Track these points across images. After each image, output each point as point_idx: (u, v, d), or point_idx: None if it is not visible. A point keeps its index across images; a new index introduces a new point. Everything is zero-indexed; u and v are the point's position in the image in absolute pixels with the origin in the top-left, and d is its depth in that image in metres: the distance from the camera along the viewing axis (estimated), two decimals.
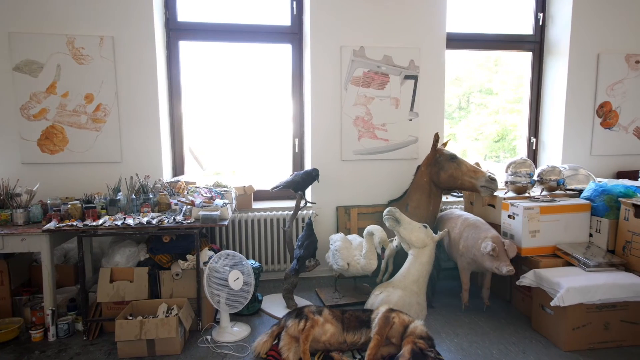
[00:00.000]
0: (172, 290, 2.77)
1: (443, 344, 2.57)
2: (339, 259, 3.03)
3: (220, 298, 2.65)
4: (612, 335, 2.53)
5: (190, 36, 3.59)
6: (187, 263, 2.76)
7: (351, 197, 3.74)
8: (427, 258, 2.89)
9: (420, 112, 3.74)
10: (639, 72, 4.00)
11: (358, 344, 2.38)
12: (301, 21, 3.70)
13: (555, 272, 2.63)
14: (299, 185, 3.31)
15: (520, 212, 2.87)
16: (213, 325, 2.81)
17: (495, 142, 4.56)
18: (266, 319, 2.97)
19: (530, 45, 4.11)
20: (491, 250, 2.66)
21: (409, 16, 3.64)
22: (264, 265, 3.63)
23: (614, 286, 2.46)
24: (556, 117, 4.02)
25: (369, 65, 3.60)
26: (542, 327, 2.69)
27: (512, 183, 3.22)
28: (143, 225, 2.63)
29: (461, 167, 3.18)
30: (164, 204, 2.98)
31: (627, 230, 2.72)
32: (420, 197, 3.34)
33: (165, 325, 2.42)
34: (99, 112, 3.28)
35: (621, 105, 4.02)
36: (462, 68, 4.34)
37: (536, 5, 4.07)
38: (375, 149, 3.70)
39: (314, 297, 3.30)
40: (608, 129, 4.04)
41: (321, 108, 3.60)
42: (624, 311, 2.51)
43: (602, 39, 3.91)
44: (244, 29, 3.64)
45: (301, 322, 2.33)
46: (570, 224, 2.92)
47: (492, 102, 4.49)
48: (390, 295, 2.78)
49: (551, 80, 4.08)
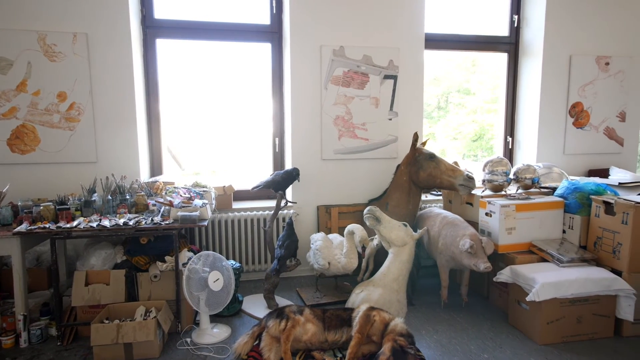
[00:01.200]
0: (151, 292, 2.72)
1: (423, 341, 2.61)
2: (319, 258, 3.03)
3: (200, 299, 2.62)
4: (585, 329, 2.61)
5: (167, 34, 3.53)
6: (166, 264, 2.72)
7: (332, 196, 3.75)
8: (407, 256, 2.91)
9: (400, 112, 3.77)
10: (608, 74, 4.14)
11: (339, 342, 2.39)
12: (281, 20, 3.68)
13: (531, 268, 2.70)
14: (280, 185, 3.29)
15: (497, 210, 2.93)
16: (193, 327, 2.77)
17: (473, 141, 4.65)
18: (247, 319, 2.95)
19: (505, 47, 4.20)
20: (469, 248, 2.71)
21: (388, 16, 3.67)
22: (244, 265, 3.60)
23: (586, 281, 2.54)
24: (531, 117, 4.13)
25: (349, 64, 3.61)
26: (518, 321, 2.76)
27: (489, 181, 3.29)
28: (120, 226, 2.57)
29: (440, 166, 3.23)
30: (141, 205, 2.92)
31: (598, 226, 2.82)
32: (400, 195, 3.37)
33: (143, 328, 2.37)
34: (72, 110, 3.19)
35: (592, 105, 4.15)
36: (440, 68, 4.41)
37: (511, 7, 4.16)
38: (355, 148, 3.71)
39: (295, 297, 3.30)
40: (580, 128, 4.17)
41: (301, 107, 3.60)
42: (595, 305, 2.60)
43: (574, 41, 4.03)
44: (222, 27, 3.60)
45: (282, 322, 2.32)
46: (544, 221, 3.00)
47: (470, 102, 4.58)
48: (370, 294, 2.80)
49: (526, 80, 4.18)
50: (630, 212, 2.59)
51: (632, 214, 2.58)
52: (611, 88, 4.16)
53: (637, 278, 2.59)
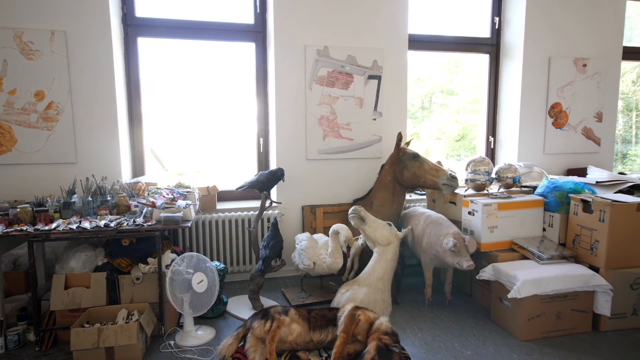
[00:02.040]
0: (133, 295, 2.67)
1: (408, 339, 2.63)
2: (305, 258, 3.03)
3: (183, 301, 2.59)
4: (564, 324, 2.67)
5: (149, 32, 3.48)
6: (149, 266, 2.68)
7: (317, 196, 3.75)
8: (392, 255, 2.94)
9: (384, 112, 3.80)
10: (586, 75, 4.24)
11: (324, 342, 2.39)
12: (265, 20, 3.66)
13: (512, 266, 2.75)
14: (264, 185, 3.28)
15: (480, 209, 2.97)
16: (176, 330, 2.73)
17: (457, 141, 4.70)
18: (232, 321, 2.92)
19: (487, 48, 4.27)
20: (452, 246, 2.74)
21: (372, 17, 3.68)
22: (229, 266, 3.57)
23: (565, 277, 2.60)
24: (512, 117, 4.20)
25: (333, 64, 3.62)
26: (500, 318, 2.81)
27: (472, 181, 3.34)
28: (100, 228, 2.52)
29: (423, 166, 3.26)
30: (123, 206, 2.87)
31: (577, 224, 2.88)
32: (384, 195, 3.40)
33: (125, 331, 2.33)
34: (50, 110, 3.11)
35: (570, 106, 4.25)
36: (424, 69, 4.45)
37: (492, 9, 4.23)
38: (340, 148, 3.72)
39: (280, 298, 3.29)
40: (559, 128, 4.26)
41: (286, 107, 3.59)
42: (574, 301, 2.66)
43: (553, 43, 4.12)
44: (206, 26, 3.56)
45: (267, 322, 2.30)
46: (525, 219, 3.06)
47: (453, 103, 4.63)
48: (356, 293, 2.81)
49: (507, 81, 4.25)
50: (607, 210, 2.66)
51: (609, 211, 2.65)
52: (588, 89, 4.27)
53: (613, 274, 2.66)
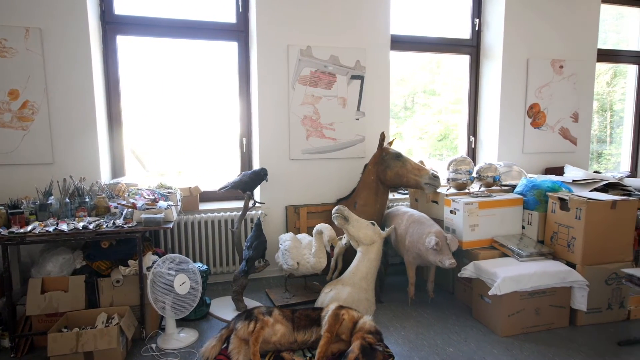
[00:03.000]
0: (113, 298, 2.62)
1: (391, 337, 2.65)
2: (288, 258, 3.02)
3: (165, 304, 2.55)
4: (543, 319, 2.73)
5: (128, 30, 3.41)
6: (129, 269, 2.63)
7: (300, 196, 3.74)
8: (375, 254, 2.95)
9: (367, 112, 3.82)
10: (562, 76, 4.35)
11: (309, 342, 2.39)
12: (247, 19, 3.64)
13: (493, 263, 2.80)
14: (247, 186, 3.25)
15: (461, 208, 3.02)
16: (158, 333, 2.69)
17: (439, 140, 4.76)
18: (215, 322, 2.90)
19: (468, 49, 4.33)
20: (435, 245, 2.78)
21: (355, 17, 3.70)
22: (212, 267, 3.54)
23: (543, 274, 2.66)
24: (492, 117, 4.28)
25: (316, 64, 3.62)
26: (481, 315, 2.85)
27: (454, 180, 3.38)
28: (79, 230, 2.46)
29: (406, 165, 3.29)
30: (102, 208, 2.81)
31: (554, 221, 2.95)
32: (367, 195, 3.41)
33: (105, 335, 2.28)
34: (25, 109, 3.02)
35: (548, 106, 4.35)
36: (407, 69, 4.49)
37: (472, 11, 4.30)
38: (323, 148, 3.73)
39: (264, 298, 3.27)
40: (537, 128, 4.36)
41: (269, 107, 3.57)
42: (552, 296, 2.72)
43: (531, 45, 4.21)
44: (186, 25, 3.52)
45: (251, 323, 2.29)
46: (505, 218, 3.12)
47: (435, 103, 4.69)
48: (339, 293, 2.82)
49: (487, 82, 4.33)
50: (582, 207, 2.73)
51: (585, 209, 2.72)
52: (565, 90, 4.38)
53: (589, 270, 2.74)
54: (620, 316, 2.86)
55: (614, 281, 2.79)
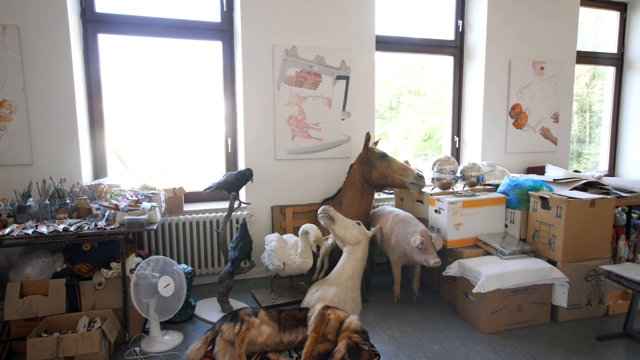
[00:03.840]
0: (95, 301, 2.57)
1: (377, 336, 2.66)
2: (274, 259, 3.01)
3: (149, 306, 2.52)
4: (525, 316, 2.78)
5: (110, 29, 3.35)
6: (112, 271, 2.58)
7: (286, 196, 3.73)
8: (361, 254, 2.97)
9: (353, 112, 3.83)
10: (543, 78, 4.44)
11: (295, 343, 2.39)
12: (232, 18, 3.61)
13: (477, 262, 2.84)
14: (233, 186, 3.23)
15: (446, 207, 3.05)
16: (142, 336, 2.65)
17: (424, 141, 4.80)
18: (200, 324, 2.87)
19: (451, 50, 4.38)
20: (420, 244, 2.80)
21: (340, 18, 3.71)
22: (197, 269, 3.50)
23: (526, 271, 2.71)
24: (475, 118, 4.34)
25: (302, 64, 3.61)
26: (465, 313, 2.89)
27: (438, 179, 3.42)
28: (59, 233, 2.41)
29: (391, 165, 3.31)
30: (83, 209, 2.75)
31: (536, 220, 3.01)
32: (353, 195, 3.42)
33: (87, 339, 2.24)
34: (3, 109, 2.95)
35: (529, 107, 4.44)
36: (392, 70, 4.52)
37: (456, 13, 4.35)
38: (309, 148, 3.72)
39: (250, 299, 3.25)
40: (519, 128, 4.44)
41: (254, 107, 3.55)
42: (534, 293, 2.78)
43: (513, 47, 4.29)
44: (170, 24, 3.47)
45: (236, 325, 2.28)
46: (488, 217, 3.16)
47: (420, 103, 4.73)
48: (325, 293, 2.82)
49: (470, 83, 4.39)
50: (563, 206, 2.79)
51: (565, 208, 2.78)
52: (546, 91, 4.47)
53: (570, 267, 2.80)
54: (600, 312, 2.93)
55: (593, 278, 2.86)
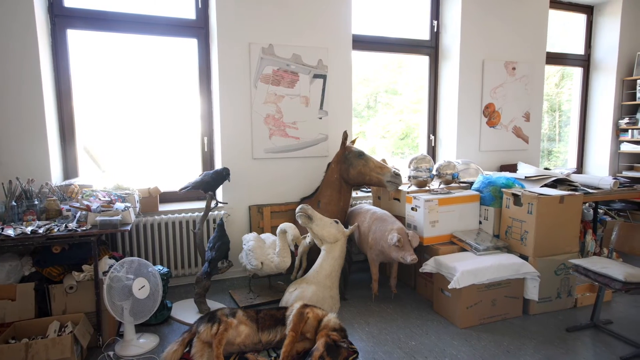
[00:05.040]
0: (66, 305, 2.50)
1: (355, 334, 2.69)
2: (252, 258, 2.99)
3: (123, 309, 2.46)
4: (498, 310, 2.86)
5: (80, 24, 3.25)
6: (84, 274, 2.52)
7: (264, 195, 3.71)
8: (339, 252, 2.98)
9: (330, 111, 3.84)
10: (515, 78, 4.56)
11: (273, 342, 2.38)
12: (207, 15, 3.56)
13: (452, 258, 2.90)
14: (209, 185, 3.19)
15: (422, 205, 3.10)
16: (116, 339, 2.59)
17: (401, 139, 4.86)
18: (177, 326, 2.82)
19: (427, 50, 4.45)
20: (397, 242, 2.83)
21: (317, 16, 3.71)
22: (173, 270, 3.44)
23: (499, 267, 2.78)
24: (450, 117, 4.42)
25: (279, 63, 3.60)
26: (441, 308, 2.95)
27: (414, 178, 3.46)
28: (27, 235, 2.32)
29: (369, 164, 3.34)
30: (53, 211, 2.66)
31: (509, 216, 3.09)
32: (331, 193, 3.44)
33: (58, 345, 2.17)
34: None
35: (502, 106, 4.55)
36: (369, 69, 4.55)
37: (431, 13, 4.42)
38: (286, 147, 3.71)
39: (227, 300, 3.22)
40: (493, 127, 4.55)
41: (231, 106, 3.51)
42: (507, 288, 2.85)
43: (486, 47, 4.39)
44: (143, 20, 3.39)
45: (214, 326, 2.25)
46: (463, 214, 3.23)
47: (397, 102, 4.78)
48: (304, 291, 2.82)
49: (445, 82, 4.46)
50: (534, 202, 2.88)
51: (536, 204, 2.87)
52: (518, 91, 4.59)
53: (540, 262, 2.89)
54: (568, 304, 3.04)
55: (562, 271, 2.96)
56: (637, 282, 2.32)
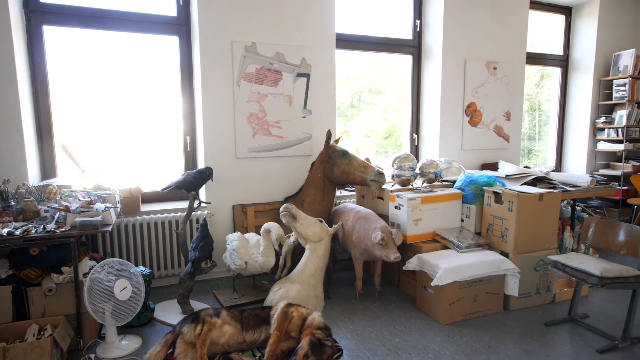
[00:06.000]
0: (45, 308, 2.45)
1: (340, 332, 2.70)
2: (236, 258, 2.98)
3: (105, 311, 2.42)
4: (480, 306, 2.91)
5: (57, 20, 3.17)
6: (63, 276, 2.47)
7: (247, 195, 3.69)
8: (323, 251, 2.99)
9: (314, 110, 3.84)
10: (496, 77, 4.64)
11: (258, 342, 2.37)
12: (189, 12, 3.52)
13: (435, 256, 2.93)
14: (192, 185, 3.16)
15: (405, 203, 3.13)
16: (98, 342, 2.55)
17: (385, 138, 4.89)
18: (160, 327, 2.79)
19: (410, 49, 4.49)
20: (380, 240, 2.86)
21: (300, 15, 3.70)
22: (155, 271, 3.40)
23: (480, 264, 2.83)
24: (433, 116, 4.47)
25: (262, 61, 3.58)
26: (425, 305, 2.98)
27: (398, 176, 3.50)
28: (3, 237, 2.26)
29: (352, 163, 3.35)
30: (30, 212, 2.60)
31: (490, 214, 3.15)
32: (315, 192, 3.44)
33: (36, 348, 2.12)
34: None
35: (484, 105, 4.62)
36: (353, 68, 4.57)
37: (414, 12, 4.45)
38: (270, 146, 3.70)
39: (211, 300, 3.20)
40: (474, 126, 4.62)
41: (213, 105, 3.48)
42: (488, 284, 2.91)
43: (468, 47, 4.45)
44: (122, 17, 3.33)
45: (198, 326, 2.24)
46: (446, 212, 3.27)
47: (381, 101, 4.81)
48: (288, 291, 2.82)
49: (428, 82, 4.51)
50: (514, 200, 2.94)
51: (516, 202, 2.93)
52: (499, 90, 4.67)
53: (520, 258, 2.95)
54: (547, 299, 3.12)
55: (542, 267, 3.03)
56: (613, 277, 2.39)
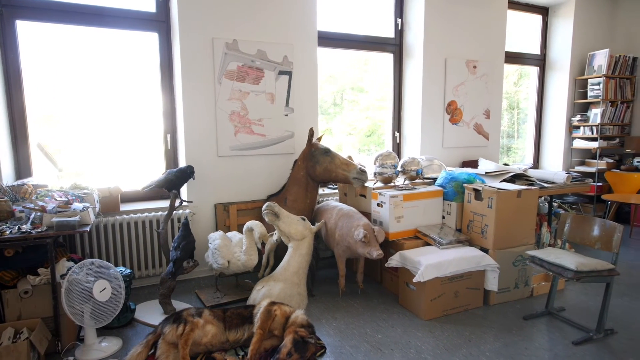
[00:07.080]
0: (21, 311, 2.39)
1: (323, 329, 2.71)
2: (218, 257, 2.96)
3: (84, 313, 2.38)
4: (461, 301, 2.96)
5: (30, 15, 3.08)
6: (39, 278, 2.41)
7: (229, 193, 3.67)
8: (306, 249, 2.99)
9: (296, 108, 3.83)
10: (476, 76, 4.71)
11: (241, 341, 2.37)
12: (168, 8, 3.47)
13: (417, 252, 2.97)
14: (173, 184, 3.12)
15: (387, 200, 3.16)
16: (76, 344, 2.50)
17: (367, 136, 4.92)
18: (141, 328, 2.75)
19: (391, 48, 4.52)
20: (363, 237, 2.88)
21: (282, 12, 3.68)
22: (136, 271, 3.35)
23: (461, 259, 2.88)
24: (414, 114, 4.51)
25: (243, 59, 3.55)
26: (407, 301, 3.02)
27: (380, 174, 3.52)
28: None
29: (335, 161, 3.36)
30: (4, 212, 2.52)
31: (470, 211, 3.20)
32: (298, 190, 3.44)
33: (12, 352, 2.07)
34: None
35: (464, 104, 4.69)
36: (336, 66, 4.57)
37: (395, 11, 4.49)
38: (252, 144, 3.68)
39: (194, 300, 3.17)
40: (455, 124, 4.69)
41: (194, 102, 3.44)
42: (468, 280, 2.96)
43: (448, 46, 4.51)
44: (99, 12, 3.26)
45: (179, 326, 2.22)
46: (427, 209, 3.32)
47: (363, 99, 4.83)
48: (271, 289, 2.82)
49: (409, 80, 4.55)
50: (493, 197, 3.00)
51: (495, 199, 2.98)
52: (478, 89, 4.75)
53: (499, 254, 3.01)
54: (525, 294, 3.19)
55: (520, 263, 3.10)
56: (588, 270, 2.47)
